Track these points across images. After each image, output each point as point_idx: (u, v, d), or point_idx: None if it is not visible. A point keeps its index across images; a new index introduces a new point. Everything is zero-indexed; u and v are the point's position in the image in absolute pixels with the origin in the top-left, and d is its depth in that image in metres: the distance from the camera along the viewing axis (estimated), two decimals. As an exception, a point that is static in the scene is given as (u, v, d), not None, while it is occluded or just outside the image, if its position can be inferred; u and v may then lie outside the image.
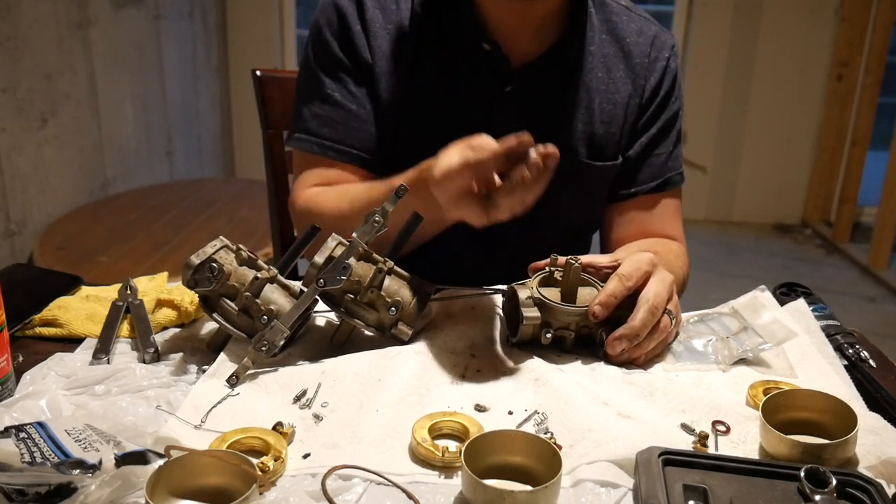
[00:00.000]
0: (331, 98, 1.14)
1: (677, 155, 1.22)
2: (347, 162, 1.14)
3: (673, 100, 1.20)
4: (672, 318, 0.89)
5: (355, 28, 1.13)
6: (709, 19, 4.20)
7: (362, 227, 0.87)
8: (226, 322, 0.86)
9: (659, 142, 1.20)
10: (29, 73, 2.59)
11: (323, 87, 1.15)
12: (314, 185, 1.16)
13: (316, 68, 1.16)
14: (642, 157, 1.19)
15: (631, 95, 1.18)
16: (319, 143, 1.14)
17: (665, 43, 1.20)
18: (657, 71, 1.19)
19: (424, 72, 1.14)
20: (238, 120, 4.29)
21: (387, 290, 0.87)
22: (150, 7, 3.39)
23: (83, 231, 2.63)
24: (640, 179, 1.20)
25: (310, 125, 1.15)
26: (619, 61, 1.17)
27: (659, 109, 1.19)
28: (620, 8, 1.20)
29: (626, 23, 1.19)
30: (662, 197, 1.20)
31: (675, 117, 1.21)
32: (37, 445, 0.66)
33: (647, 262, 0.90)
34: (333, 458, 0.70)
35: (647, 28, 1.20)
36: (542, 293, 0.88)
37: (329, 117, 1.14)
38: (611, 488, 0.68)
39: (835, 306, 1.05)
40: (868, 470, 0.70)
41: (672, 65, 1.20)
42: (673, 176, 1.20)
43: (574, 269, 0.88)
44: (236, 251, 0.87)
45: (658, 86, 1.19)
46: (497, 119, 1.15)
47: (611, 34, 1.18)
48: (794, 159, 4.37)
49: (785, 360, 0.89)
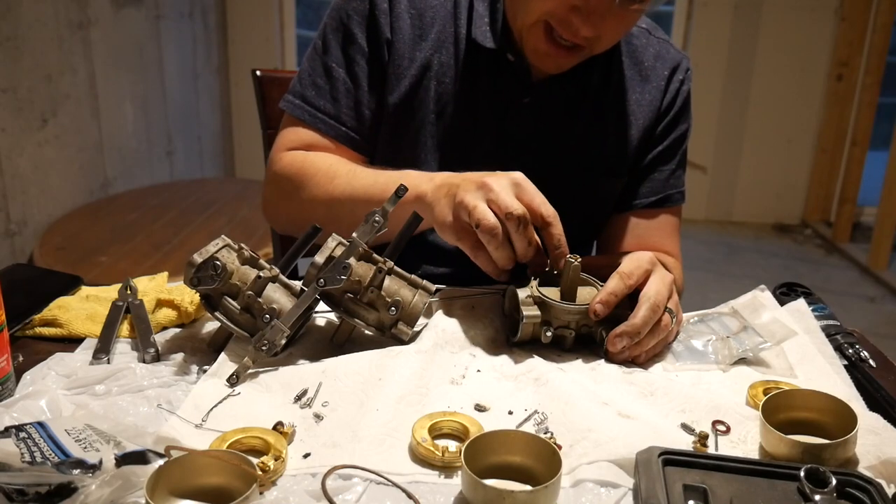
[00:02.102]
0: (333, 72, 1.13)
1: (680, 175, 1.23)
2: (334, 137, 1.14)
3: (682, 121, 1.21)
4: (673, 316, 0.90)
5: (382, 6, 1.12)
6: (709, 19, 4.21)
7: (362, 226, 0.87)
8: (228, 321, 0.86)
9: (664, 159, 1.21)
10: (29, 73, 2.59)
11: (330, 59, 1.14)
12: (295, 147, 1.15)
13: (330, 38, 1.14)
14: (646, 171, 1.20)
15: (647, 118, 1.19)
16: (312, 113, 1.14)
17: (681, 66, 1.21)
18: (671, 92, 1.19)
19: (444, 68, 1.13)
20: (238, 120, 4.30)
21: (387, 290, 0.87)
22: (150, 7, 3.39)
23: (83, 231, 2.63)
24: (641, 193, 1.21)
25: (307, 93, 1.15)
26: (637, 84, 1.18)
27: (668, 128, 1.20)
28: (640, 31, 1.20)
29: (644, 46, 1.19)
30: (661, 213, 1.21)
31: (683, 138, 1.22)
32: (37, 445, 0.66)
33: (648, 261, 0.90)
34: (333, 458, 0.70)
35: (666, 52, 1.21)
36: (541, 292, 0.88)
37: (327, 90, 1.14)
38: (611, 488, 0.68)
39: (835, 306, 1.05)
40: (868, 470, 0.70)
41: (685, 87, 1.21)
42: (673, 194, 1.22)
43: (573, 268, 0.88)
44: (238, 250, 0.87)
45: (670, 105, 1.20)
46: (511, 127, 1.15)
47: (630, 57, 1.18)
48: (793, 159, 4.37)
49: (785, 360, 0.89)
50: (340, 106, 1.13)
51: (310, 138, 1.14)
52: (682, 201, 1.23)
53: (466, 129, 1.15)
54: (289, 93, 1.17)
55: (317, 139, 1.14)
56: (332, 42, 1.14)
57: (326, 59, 1.14)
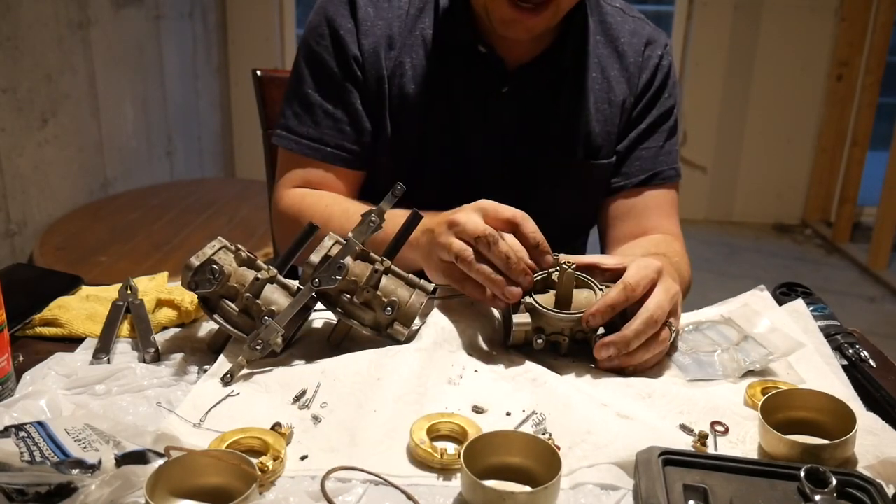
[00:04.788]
0: (310, 98, 1.16)
1: (670, 150, 1.21)
2: (322, 160, 1.16)
3: (666, 96, 1.21)
4: (673, 330, 0.87)
5: (347, 26, 1.14)
6: (709, 19, 4.20)
7: (358, 226, 0.87)
8: (226, 323, 0.85)
9: (648, 136, 1.20)
10: (29, 73, 2.59)
11: (304, 86, 1.17)
12: (296, 185, 1.18)
13: (302, 67, 1.18)
14: (630, 150, 1.20)
15: (626, 95, 1.19)
16: (297, 141, 1.16)
17: (658, 42, 1.21)
18: (649, 68, 1.19)
19: (417, 70, 1.15)
20: (238, 120, 4.29)
21: (383, 290, 0.87)
22: (150, 7, 3.39)
23: (83, 231, 2.63)
24: (629, 172, 1.20)
25: (290, 122, 1.17)
26: (614, 61, 1.18)
27: (650, 104, 1.20)
28: (615, 10, 1.21)
29: (619, 24, 1.20)
30: (654, 191, 1.20)
31: (668, 113, 1.21)
32: (36, 445, 0.66)
33: (655, 270, 0.87)
34: (331, 462, 0.69)
35: (641, 28, 1.21)
36: (535, 299, 0.87)
37: (307, 116, 1.16)
38: (610, 490, 0.68)
39: (835, 306, 1.05)
40: (866, 470, 0.70)
41: (664, 62, 1.21)
42: (665, 170, 1.20)
43: (567, 275, 0.86)
44: (235, 252, 0.87)
45: (650, 82, 1.20)
46: (492, 119, 1.15)
47: (605, 35, 1.19)
48: (794, 159, 4.37)
49: (795, 374, 0.88)
50: (322, 128, 1.16)
51: (304, 171, 1.17)
52: (677, 178, 1.21)
53: (451, 128, 1.16)
54: (276, 127, 1.20)
55: (309, 168, 1.17)
56: (305, 71, 1.17)
57: (302, 87, 1.17)
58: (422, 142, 1.16)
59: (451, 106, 1.15)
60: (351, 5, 1.15)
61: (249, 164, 4.29)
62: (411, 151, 1.17)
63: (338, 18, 1.15)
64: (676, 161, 1.22)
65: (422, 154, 1.17)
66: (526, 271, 0.86)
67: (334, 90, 1.15)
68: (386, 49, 1.15)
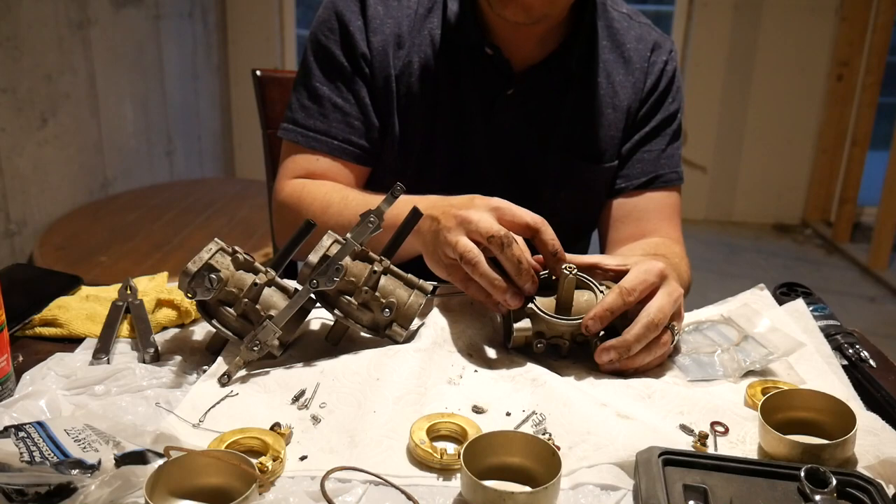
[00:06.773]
0: (318, 90, 1.16)
1: (672, 154, 1.21)
2: (328, 153, 1.16)
3: (670, 100, 1.21)
4: (675, 334, 0.87)
5: (356, 23, 1.14)
6: (709, 19, 4.20)
7: (357, 227, 0.86)
8: (224, 328, 0.85)
9: (651, 139, 1.20)
10: (29, 73, 2.59)
11: (312, 80, 1.17)
12: (297, 176, 1.17)
13: (311, 61, 1.18)
14: (632, 152, 1.20)
15: (631, 100, 1.19)
16: (304, 134, 1.16)
17: (664, 47, 1.21)
18: (655, 72, 1.20)
19: (425, 69, 1.15)
20: (238, 120, 4.30)
21: (382, 291, 0.86)
22: (150, 7, 3.39)
23: (83, 231, 2.63)
24: (630, 174, 1.20)
25: (297, 116, 1.17)
26: (620, 66, 1.18)
27: (654, 108, 1.20)
28: (621, 15, 1.21)
29: (626, 29, 1.20)
30: (655, 194, 1.20)
31: (672, 117, 1.21)
32: (36, 445, 0.66)
33: (656, 274, 0.86)
34: (331, 462, 0.69)
35: (647, 34, 1.21)
36: (535, 304, 0.86)
37: (315, 109, 1.16)
38: (610, 490, 0.68)
39: (835, 306, 1.05)
40: (866, 470, 0.70)
41: (669, 67, 1.21)
42: (666, 174, 1.20)
43: (568, 280, 0.85)
44: (233, 254, 0.86)
45: (655, 85, 1.20)
46: (498, 120, 1.16)
47: (611, 41, 1.19)
48: (794, 159, 4.37)
49: (796, 374, 0.88)
50: (330, 122, 1.15)
51: (308, 162, 1.17)
52: (679, 182, 1.21)
53: (456, 128, 1.16)
54: (283, 121, 1.20)
55: (315, 160, 1.16)
56: (314, 65, 1.17)
57: (311, 81, 1.17)
58: (428, 141, 1.16)
59: (457, 106, 1.15)
60: (361, 2, 1.15)
61: (249, 164, 4.30)
62: (417, 150, 1.17)
63: (347, 14, 1.15)
64: (679, 165, 1.22)
65: (427, 153, 1.17)
66: (533, 277, 0.86)
67: (343, 83, 1.15)
68: (394, 48, 1.15)
